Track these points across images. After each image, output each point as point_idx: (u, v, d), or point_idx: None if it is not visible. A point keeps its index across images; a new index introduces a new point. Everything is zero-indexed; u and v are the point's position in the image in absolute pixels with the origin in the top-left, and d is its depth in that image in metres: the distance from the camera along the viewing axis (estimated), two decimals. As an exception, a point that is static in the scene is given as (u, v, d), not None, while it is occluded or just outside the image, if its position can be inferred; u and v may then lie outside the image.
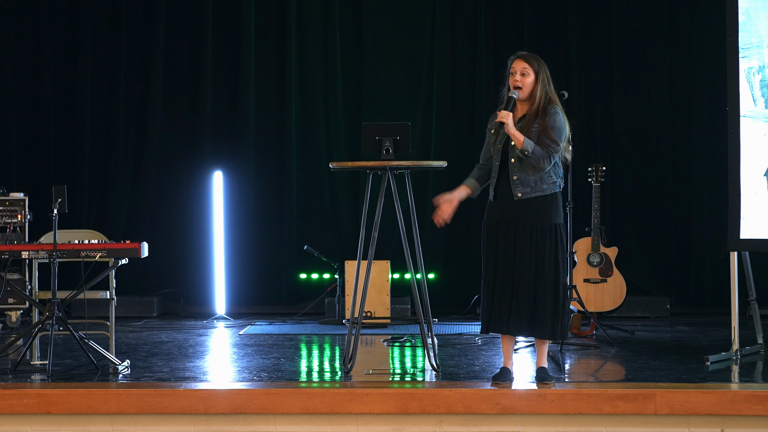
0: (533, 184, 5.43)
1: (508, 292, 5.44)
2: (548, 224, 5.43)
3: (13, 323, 7.80)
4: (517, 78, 5.46)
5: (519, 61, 5.51)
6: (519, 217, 5.44)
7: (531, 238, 5.42)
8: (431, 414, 5.24)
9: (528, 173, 5.42)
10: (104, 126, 9.12)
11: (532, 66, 5.47)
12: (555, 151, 5.39)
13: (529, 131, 5.40)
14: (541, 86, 5.46)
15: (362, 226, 6.02)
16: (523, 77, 5.45)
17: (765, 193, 6.29)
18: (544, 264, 5.41)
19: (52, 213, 5.97)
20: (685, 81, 9.01)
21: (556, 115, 5.43)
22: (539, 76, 5.46)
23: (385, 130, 5.93)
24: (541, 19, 9.06)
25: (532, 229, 5.42)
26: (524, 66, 5.47)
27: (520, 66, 5.48)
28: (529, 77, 5.45)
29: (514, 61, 5.52)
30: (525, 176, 5.42)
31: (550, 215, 5.45)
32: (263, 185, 9.11)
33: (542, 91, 5.46)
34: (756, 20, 6.33)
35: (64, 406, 5.29)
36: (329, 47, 9.15)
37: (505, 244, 5.46)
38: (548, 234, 5.42)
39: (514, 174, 5.43)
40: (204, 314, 8.88)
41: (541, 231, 5.42)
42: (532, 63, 5.48)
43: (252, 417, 5.27)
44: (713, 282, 8.83)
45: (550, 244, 5.42)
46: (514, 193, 5.44)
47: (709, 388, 5.33)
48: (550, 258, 5.42)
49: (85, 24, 9.04)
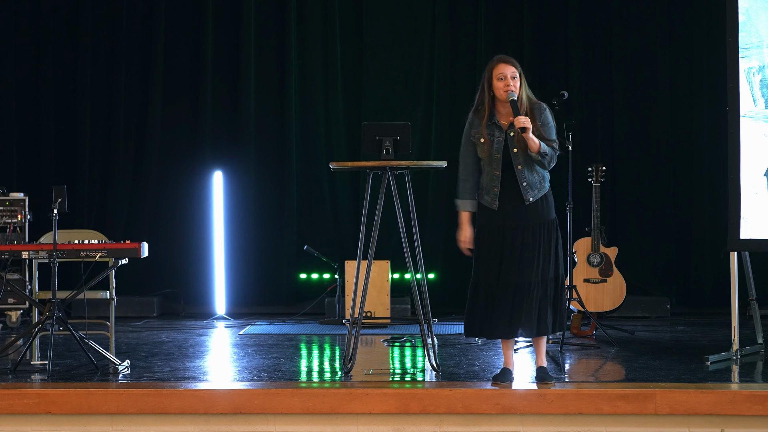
0: (538, 186, 5.47)
1: (509, 297, 5.43)
2: (550, 220, 5.49)
3: (13, 323, 7.80)
4: (509, 82, 5.40)
5: (505, 65, 5.43)
6: (527, 220, 5.44)
7: (539, 238, 5.44)
8: (431, 414, 5.24)
9: (534, 176, 5.45)
10: (104, 126, 9.12)
11: (517, 68, 5.43)
12: (558, 148, 5.45)
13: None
14: (525, 87, 5.46)
15: (362, 226, 6.02)
16: (514, 80, 5.41)
17: (765, 193, 6.29)
18: (549, 261, 5.44)
19: (52, 213, 5.97)
20: (685, 81, 9.01)
21: (546, 111, 5.47)
22: (522, 77, 5.46)
23: (385, 130, 5.93)
24: (541, 19, 9.06)
25: (539, 228, 5.45)
26: (512, 70, 5.41)
27: (509, 70, 5.41)
28: (518, 80, 5.42)
29: (498, 65, 5.44)
30: (532, 179, 5.45)
31: (551, 211, 5.52)
32: (263, 185, 9.11)
33: (526, 92, 5.47)
34: (756, 20, 6.33)
35: (64, 406, 5.29)
36: (329, 47, 9.15)
37: (512, 251, 5.45)
38: (553, 230, 5.48)
39: (523, 180, 5.43)
40: (204, 314, 8.88)
41: (547, 229, 5.46)
42: (517, 66, 5.45)
43: (252, 417, 5.27)
44: (713, 282, 8.83)
45: (554, 240, 5.48)
46: (525, 198, 5.43)
47: (709, 388, 5.33)
48: (554, 254, 5.47)
49: (86, 24, 9.04)
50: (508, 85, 5.39)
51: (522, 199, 5.44)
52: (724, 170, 6.51)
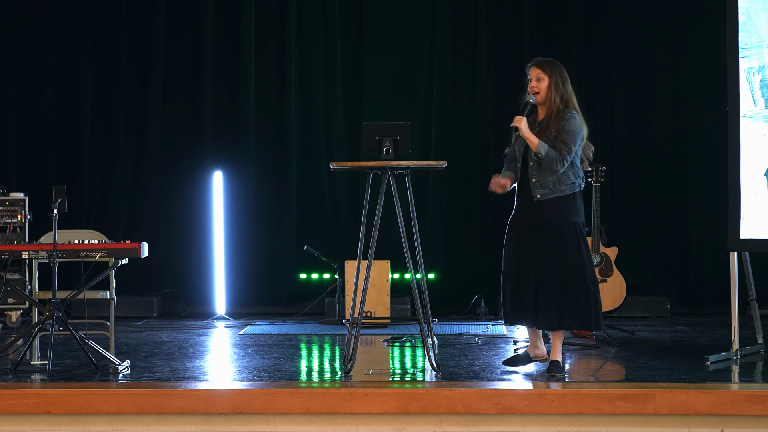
0: (551, 186, 5.72)
1: (531, 288, 5.70)
2: (568, 223, 5.72)
3: (13, 323, 7.80)
4: (533, 84, 5.77)
5: (534, 68, 5.81)
6: (540, 217, 5.72)
7: (553, 237, 5.69)
8: (431, 414, 5.24)
9: (546, 175, 5.71)
10: (104, 126, 9.12)
11: (545, 71, 5.76)
12: (567, 154, 5.65)
13: (547, 134, 5.69)
14: (555, 90, 5.73)
15: (362, 226, 6.02)
16: (539, 83, 5.76)
17: (765, 193, 6.29)
18: (568, 261, 5.68)
19: (52, 213, 5.97)
20: (685, 81, 9.01)
21: (572, 119, 5.70)
22: (552, 80, 5.74)
23: (385, 130, 5.93)
24: (541, 19, 9.06)
25: (554, 228, 5.71)
26: (538, 72, 5.77)
27: (535, 73, 5.79)
28: (544, 82, 5.75)
29: (531, 68, 5.82)
30: (543, 178, 5.71)
31: (570, 214, 5.74)
32: (263, 185, 9.11)
33: (557, 94, 5.73)
34: (756, 20, 6.33)
35: (64, 406, 5.29)
36: (329, 47, 9.15)
37: (527, 243, 5.74)
38: (568, 232, 5.71)
39: (533, 176, 5.73)
40: (204, 314, 8.88)
41: (561, 229, 5.70)
42: (545, 68, 5.77)
43: (252, 417, 5.27)
44: (713, 282, 8.83)
45: (572, 241, 5.71)
46: (533, 194, 5.71)
47: (709, 388, 5.34)
48: (574, 255, 5.69)
49: (86, 24, 9.04)
50: (532, 87, 5.77)
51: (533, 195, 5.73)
52: (724, 170, 6.50)
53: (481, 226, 9.01)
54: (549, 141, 5.65)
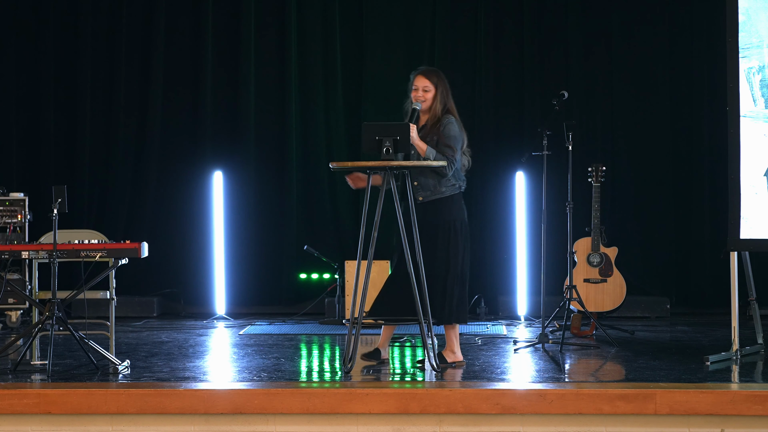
0: (432, 188, 6.02)
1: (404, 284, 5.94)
2: (444, 221, 6.00)
3: (13, 323, 7.79)
4: (419, 94, 6.05)
5: (420, 77, 6.07)
6: (422, 216, 5.97)
7: (428, 235, 5.97)
8: (431, 414, 5.24)
9: (428, 178, 6.00)
10: (104, 126, 9.12)
11: (432, 81, 6.06)
12: (452, 157, 5.93)
13: (429, 140, 5.97)
14: (440, 99, 6.06)
15: (362, 226, 6.03)
16: (426, 93, 6.04)
17: (765, 193, 6.29)
18: (435, 257, 5.96)
19: (52, 213, 5.97)
20: (685, 81, 9.00)
21: (450, 124, 6.00)
22: (438, 90, 6.05)
23: (385, 130, 5.93)
24: (541, 19, 9.06)
25: (429, 227, 5.99)
26: (426, 83, 6.05)
27: (422, 83, 6.06)
28: (430, 92, 6.05)
29: (416, 77, 6.07)
30: (424, 181, 6.02)
31: (448, 213, 6.02)
32: (263, 185, 9.11)
33: (441, 103, 6.06)
34: (756, 20, 6.33)
35: (64, 406, 5.28)
36: (329, 47, 9.15)
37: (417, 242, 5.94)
38: (441, 230, 5.99)
39: (414, 180, 6.00)
40: (204, 314, 8.88)
41: (435, 228, 6.00)
42: (432, 78, 6.07)
43: (252, 417, 5.27)
44: (713, 282, 8.82)
45: (443, 238, 5.99)
46: (416, 196, 5.99)
47: (709, 388, 5.33)
48: (441, 252, 5.98)
49: (85, 23, 9.04)
50: (418, 97, 6.05)
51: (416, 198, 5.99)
52: (724, 170, 6.50)
53: (481, 226, 9.01)
54: (433, 147, 5.93)
